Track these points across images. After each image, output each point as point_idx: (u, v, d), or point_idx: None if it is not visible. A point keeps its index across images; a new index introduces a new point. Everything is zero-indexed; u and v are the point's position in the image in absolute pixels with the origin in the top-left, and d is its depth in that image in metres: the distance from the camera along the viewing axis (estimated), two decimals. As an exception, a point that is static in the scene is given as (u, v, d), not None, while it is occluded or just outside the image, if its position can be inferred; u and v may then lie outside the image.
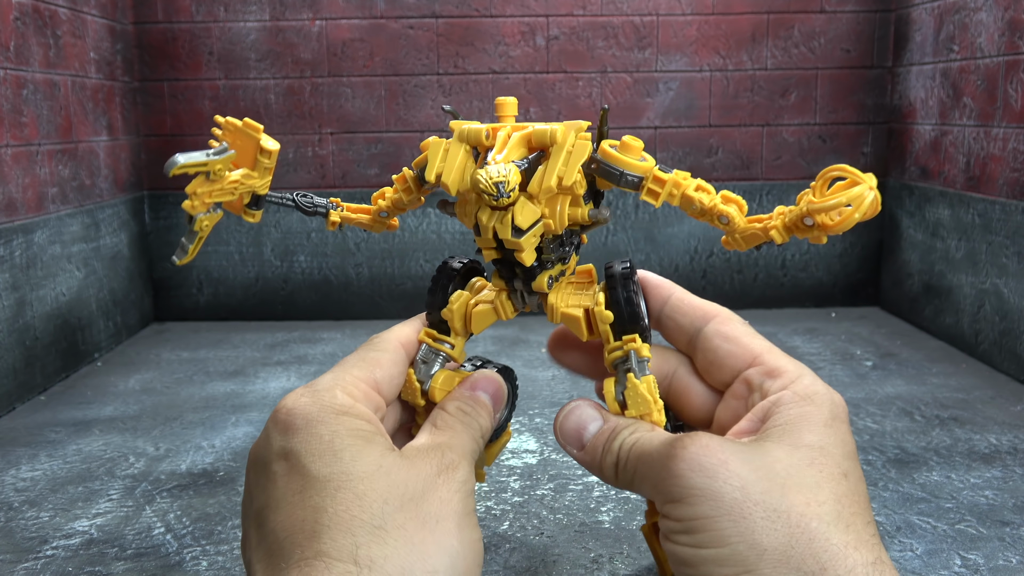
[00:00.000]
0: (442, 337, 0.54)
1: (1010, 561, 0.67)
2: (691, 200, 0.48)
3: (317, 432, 0.45)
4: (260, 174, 0.57)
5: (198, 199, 0.56)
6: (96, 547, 0.71)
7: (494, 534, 0.72)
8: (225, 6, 1.51)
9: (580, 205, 0.49)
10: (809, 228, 0.46)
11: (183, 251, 0.57)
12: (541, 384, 1.15)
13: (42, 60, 1.21)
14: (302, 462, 0.44)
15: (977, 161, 1.29)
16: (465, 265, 0.56)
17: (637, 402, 0.48)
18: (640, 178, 0.49)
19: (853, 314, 1.56)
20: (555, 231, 0.48)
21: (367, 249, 1.58)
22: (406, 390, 0.55)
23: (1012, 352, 1.18)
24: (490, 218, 0.47)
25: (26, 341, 1.14)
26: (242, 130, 0.56)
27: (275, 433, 0.46)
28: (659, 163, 0.51)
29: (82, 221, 1.31)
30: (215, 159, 0.55)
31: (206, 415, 1.05)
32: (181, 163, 0.53)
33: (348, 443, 0.45)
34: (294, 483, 0.43)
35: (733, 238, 0.50)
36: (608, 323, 0.49)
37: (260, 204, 0.59)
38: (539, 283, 0.50)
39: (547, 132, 0.48)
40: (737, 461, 0.43)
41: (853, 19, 1.55)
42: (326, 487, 0.43)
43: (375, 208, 0.61)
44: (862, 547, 0.40)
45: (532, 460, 0.89)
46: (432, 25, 1.53)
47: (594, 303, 0.50)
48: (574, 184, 0.47)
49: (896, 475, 0.84)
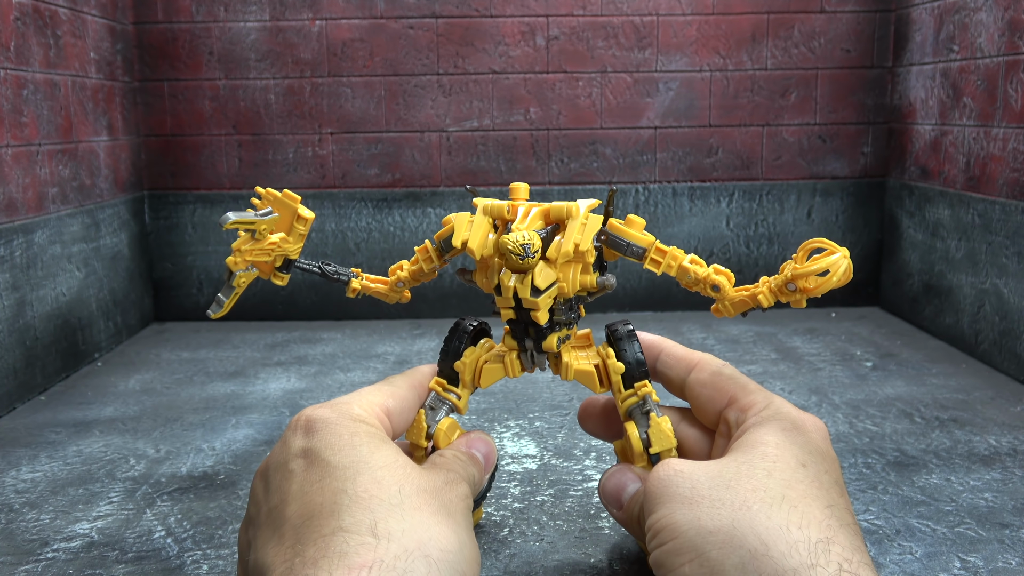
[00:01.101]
0: (451, 388, 0.60)
1: (1010, 563, 0.67)
2: (687, 271, 0.56)
3: (336, 431, 0.48)
4: (295, 239, 0.62)
5: (240, 256, 0.61)
6: (97, 550, 0.71)
7: (494, 540, 0.73)
8: (225, 6, 1.51)
9: (589, 272, 0.56)
10: (792, 293, 0.54)
11: (219, 305, 0.63)
12: (541, 387, 1.15)
13: (42, 60, 1.21)
14: (322, 456, 0.46)
15: (977, 161, 1.29)
16: (476, 327, 0.62)
17: (661, 439, 0.54)
18: (644, 249, 0.57)
19: (853, 314, 1.56)
20: (567, 295, 0.55)
21: (367, 249, 1.58)
22: (413, 430, 0.61)
23: (1012, 352, 1.19)
24: (512, 280, 0.53)
25: (26, 341, 1.14)
26: (281, 199, 0.62)
27: (294, 437, 0.49)
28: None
29: (82, 221, 1.32)
30: (262, 220, 0.61)
31: (206, 416, 1.06)
32: (233, 219, 0.59)
33: (366, 440, 0.48)
34: (313, 474, 0.46)
35: (723, 304, 0.57)
36: (620, 374, 0.57)
37: (289, 268, 0.64)
38: (549, 343, 0.57)
39: (564, 207, 0.55)
40: (692, 468, 0.47)
41: (853, 19, 1.55)
42: (346, 472, 0.45)
43: (393, 279, 0.69)
44: (809, 526, 0.41)
45: (532, 465, 0.89)
46: (432, 25, 1.52)
47: (605, 357, 0.58)
48: (586, 252, 0.54)
49: (896, 478, 0.84)
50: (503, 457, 0.90)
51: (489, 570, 0.67)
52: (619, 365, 0.56)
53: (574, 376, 0.58)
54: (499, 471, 0.87)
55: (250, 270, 0.62)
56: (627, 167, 1.57)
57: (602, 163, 1.57)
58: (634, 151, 1.57)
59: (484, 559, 0.69)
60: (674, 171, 1.57)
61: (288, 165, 1.56)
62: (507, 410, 1.05)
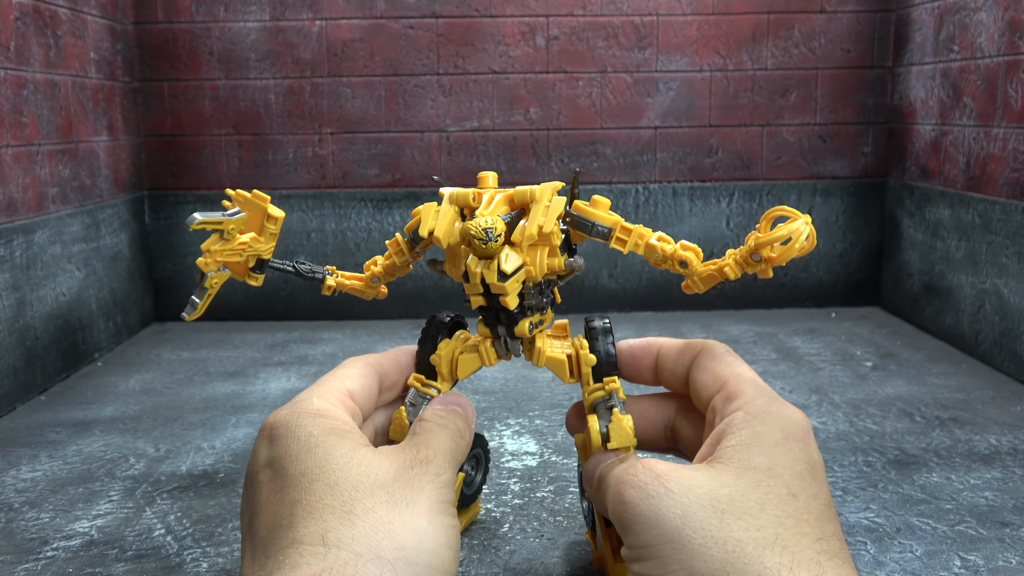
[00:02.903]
0: (429, 382, 0.60)
1: (1010, 562, 0.67)
2: (654, 248, 0.56)
3: (295, 435, 0.48)
4: (266, 239, 0.63)
5: (211, 256, 0.61)
6: (96, 548, 0.71)
7: (494, 536, 0.72)
8: (225, 6, 1.51)
9: (557, 255, 0.55)
10: (757, 263, 0.53)
11: (192, 307, 0.63)
12: (541, 385, 1.15)
13: (42, 60, 1.21)
14: (282, 465, 0.47)
15: (977, 161, 1.30)
16: (452, 319, 0.63)
17: (620, 435, 0.53)
18: (609, 229, 0.56)
19: (853, 314, 1.56)
20: (535, 278, 0.55)
21: (367, 249, 1.58)
22: (395, 429, 0.60)
23: (1012, 352, 1.19)
24: (478, 265, 0.52)
25: (26, 341, 1.14)
26: (251, 200, 0.62)
27: (260, 445, 0.50)
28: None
29: (82, 221, 1.32)
30: (229, 219, 0.61)
31: (206, 416, 1.06)
32: (199, 219, 0.60)
33: (321, 440, 0.47)
34: (276, 485, 0.46)
35: (692, 280, 0.56)
36: (591, 366, 0.56)
37: (263, 268, 0.65)
38: (521, 328, 0.56)
39: (527, 191, 0.55)
40: (682, 488, 0.45)
41: (853, 19, 1.55)
42: (300, 482, 0.45)
43: (368, 275, 0.67)
44: (799, 567, 0.41)
45: (532, 462, 0.89)
46: (432, 25, 1.53)
47: (579, 347, 0.58)
48: (551, 234, 0.53)
49: (896, 476, 0.84)
50: (503, 455, 0.90)
51: (489, 567, 0.67)
52: (591, 357, 0.56)
53: (545, 363, 0.58)
54: (499, 468, 0.87)
55: (222, 271, 0.63)
56: (627, 167, 1.57)
57: (602, 163, 1.57)
58: (634, 151, 1.57)
59: (484, 556, 0.69)
60: (674, 171, 1.57)
61: (288, 165, 1.56)
62: (507, 408, 1.05)
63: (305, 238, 1.57)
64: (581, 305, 1.59)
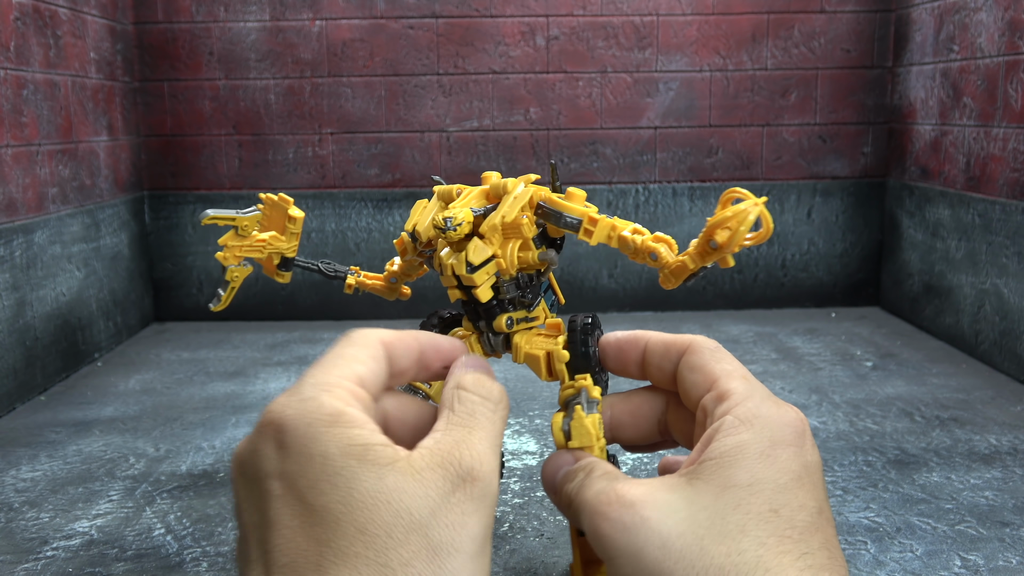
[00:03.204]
0: None
1: (1010, 562, 0.67)
2: (626, 241, 0.54)
3: (308, 452, 0.43)
4: (288, 238, 0.65)
5: (229, 252, 0.64)
6: (96, 548, 0.71)
7: (494, 536, 0.72)
8: (225, 6, 1.51)
9: (530, 249, 0.55)
10: (715, 251, 0.51)
11: (217, 299, 0.66)
12: (541, 385, 1.15)
13: (42, 60, 1.21)
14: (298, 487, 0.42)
15: (977, 161, 1.29)
16: (451, 316, 0.63)
17: (580, 434, 0.51)
18: (579, 220, 0.55)
19: (853, 314, 1.56)
20: (508, 271, 0.54)
21: (367, 249, 1.58)
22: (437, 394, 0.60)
23: (1012, 352, 1.18)
24: (448, 256, 0.53)
25: (26, 341, 1.14)
26: (276, 202, 0.65)
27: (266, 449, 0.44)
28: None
29: (82, 221, 1.32)
30: (241, 215, 0.63)
31: (206, 416, 1.05)
32: (211, 215, 0.61)
33: (341, 465, 0.42)
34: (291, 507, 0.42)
35: (664, 274, 0.55)
36: (564, 362, 0.55)
37: (289, 266, 0.67)
38: (498, 323, 0.56)
39: (501, 183, 0.55)
40: (659, 515, 0.43)
41: (853, 19, 1.55)
42: (325, 519, 0.41)
43: (386, 275, 0.70)
44: None
45: (532, 462, 0.89)
46: (432, 25, 1.53)
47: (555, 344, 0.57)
48: (521, 226, 0.53)
49: (896, 476, 0.84)
50: (503, 454, 0.90)
51: (489, 568, 0.67)
52: (563, 353, 0.55)
53: (524, 359, 0.57)
54: (499, 470, 0.87)
55: (244, 265, 0.65)
56: (627, 167, 1.57)
57: (602, 163, 1.57)
58: (634, 151, 1.57)
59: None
60: (674, 171, 1.57)
61: (288, 165, 1.56)
62: (507, 409, 1.05)
63: (305, 238, 1.57)
64: (581, 305, 1.59)
